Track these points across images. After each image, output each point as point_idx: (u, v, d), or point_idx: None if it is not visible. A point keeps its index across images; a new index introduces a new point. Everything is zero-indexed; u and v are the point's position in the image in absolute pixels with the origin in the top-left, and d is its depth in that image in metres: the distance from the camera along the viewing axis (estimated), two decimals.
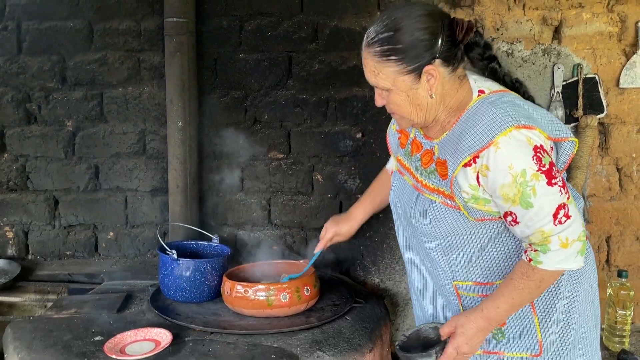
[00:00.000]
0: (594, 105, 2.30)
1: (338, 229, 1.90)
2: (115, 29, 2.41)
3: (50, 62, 2.44)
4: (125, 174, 2.48)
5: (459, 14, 2.31)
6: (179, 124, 2.30)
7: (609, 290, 2.21)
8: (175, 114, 2.30)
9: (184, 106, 2.30)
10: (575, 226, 1.30)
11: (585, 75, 2.29)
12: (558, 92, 2.30)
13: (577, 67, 2.29)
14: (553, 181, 1.29)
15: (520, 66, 2.32)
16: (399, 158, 1.66)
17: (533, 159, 1.29)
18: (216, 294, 1.95)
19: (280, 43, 2.38)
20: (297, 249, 2.46)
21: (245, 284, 1.81)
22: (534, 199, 1.28)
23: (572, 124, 2.31)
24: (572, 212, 1.30)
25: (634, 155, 2.34)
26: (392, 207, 1.69)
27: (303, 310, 1.85)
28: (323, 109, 2.40)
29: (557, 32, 2.31)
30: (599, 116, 2.29)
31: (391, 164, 1.87)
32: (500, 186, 1.31)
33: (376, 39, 1.37)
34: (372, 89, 1.50)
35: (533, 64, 2.32)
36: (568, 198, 1.31)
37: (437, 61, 1.36)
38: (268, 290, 1.78)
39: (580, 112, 2.29)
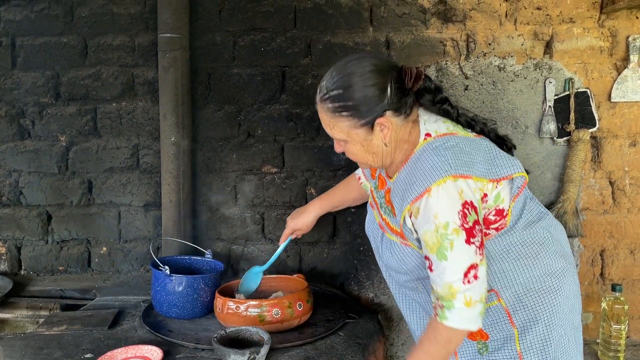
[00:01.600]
0: (586, 119, 2.31)
1: (294, 223, 2.00)
2: (109, 45, 2.42)
3: (44, 78, 2.44)
4: (118, 188, 2.47)
5: (451, 29, 2.33)
6: (173, 139, 2.30)
7: (604, 305, 2.20)
8: (168, 129, 2.31)
9: (178, 121, 2.30)
10: (480, 287, 1.36)
11: (576, 89, 2.31)
12: (550, 106, 2.31)
13: (569, 82, 2.31)
14: (471, 240, 1.35)
15: (512, 80, 2.33)
16: (371, 190, 1.73)
17: (458, 214, 1.34)
18: (209, 310, 1.95)
19: (274, 58, 2.39)
20: (291, 263, 2.46)
21: (237, 300, 1.80)
22: (449, 252, 1.34)
23: (565, 138, 2.32)
24: (480, 273, 1.36)
25: (626, 168, 2.35)
26: (367, 235, 1.78)
27: (296, 325, 1.84)
28: (316, 124, 2.40)
29: (548, 47, 2.32)
30: (591, 130, 2.30)
31: (360, 171, 1.95)
32: (424, 231, 1.37)
33: (327, 95, 1.45)
34: None
35: (525, 78, 2.33)
36: (481, 260, 1.36)
37: (388, 112, 1.43)
38: (260, 307, 1.77)
39: (572, 126, 2.30)
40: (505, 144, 1.58)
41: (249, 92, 2.40)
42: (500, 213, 1.46)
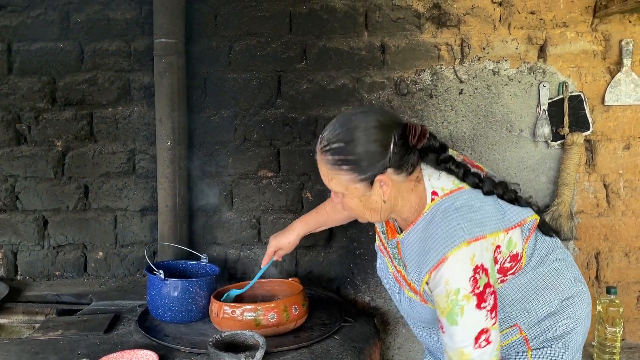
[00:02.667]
0: (580, 123, 2.32)
1: (278, 243, 1.95)
2: (105, 50, 2.42)
3: (40, 83, 2.45)
4: (114, 193, 2.48)
5: (445, 34, 2.34)
6: (168, 144, 2.31)
7: (599, 307, 2.21)
8: (164, 134, 2.31)
9: (174, 126, 2.31)
10: (492, 350, 1.35)
11: (570, 93, 2.32)
12: (544, 110, 2.32)
13: (563, 85, 2.32)
14: (482, 305, 1.33)
15: (506, 84, 2.34)
16: (378, 232, 1.69)
17: (470, 280, 1.33)
18: (204, 314, 1.95)
19: (270, 63, 2.40)
20: (287, 267, 2.46)
21: (232, 304, 1.81)
22: (459, 318, 1.33)
23: (559, 141, 2.33)
24: (493, 337, 1.35)
25: (620, 171, 2.36)
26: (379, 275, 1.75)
27: (291, 329, 1.84)
28: (312, 128, 2.41)
29: (542, 51, 2.34)
30: (585, 133, 2.32)
31: None
32: (436, 294, 1.38)
33: (328, 148, 1.40)
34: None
35: (519, 82, 2.34)
36: (493, 324, 1.35)
37: (390, 170, 1.39)
38: (256, 311, 1.77)
39: (566, 129, 2.31)
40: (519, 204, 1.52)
41: (244, 96, 2.41)
42: (514, 258, 1.45)
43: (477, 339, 1.33)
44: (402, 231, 1.53)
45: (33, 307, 2.31)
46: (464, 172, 1.45)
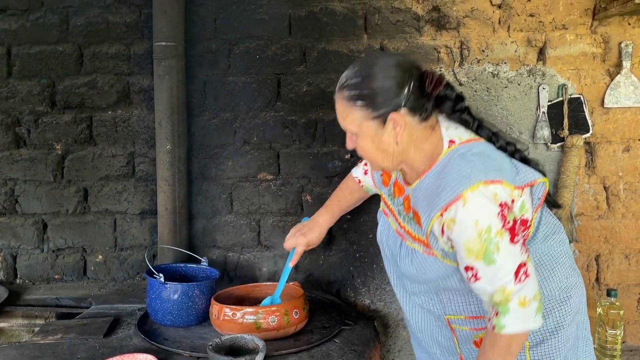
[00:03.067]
0: (580, 125, 2.32)
1: (307, 240, 1.93)
2: (105, 53, 2.43)
3: (39, 86, 2.45)
4: (114, 196, 2.47)
5: (445, 36, 2.34)
6: (168, 147, 2.31)
7: (599, 310, 2.20)
8: (164, 137, 2.31)
9: (173, 128, 2.31)
10: (532, 284, 1.34)
11: (570, 95, 2.32)
12: (544, 112, 2.32)
13: (562, 88, 2.32)
14: (515, 239, 1.33)
15: (505, 87, 2.34)
16: (384, 197, 1.69)
17: (498, 216, 1.31)
18: (204, 318, 1.94)
19: (269, 65, 2.40)
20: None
21: (233, 307, 1.80)
22: (497, 256, 1.31)
23: (559, 144, 2.33)
24: (530, 270, 1.34)
25: (620, 174, 2.36)
26: (379, 245, 1.73)
27: (292, 333, 1.84)
28: (312, 130, 2.41)
29: (541, 53, 2.34)
30: (584, 136, 2.31)
31: (357, 171, 1.92)
32: (465, 241, 1.33)
33: (346, 84, 1.43)
34: None
35: (518, 84, 2.34)
36: (528, 257, 1.34)
37: (403, 110, 1.39)
38: (256, 314, 1.77)
39: (566, 131, 2.31)
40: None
41: (244, 99, 2.41)
42: (524, 223, 1.43)
43: (516, 273, 1.31)
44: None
45: (32, 311, 2.30)
46: (478, 124, 1.47)
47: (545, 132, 2.32)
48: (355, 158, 2.40)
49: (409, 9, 2.35)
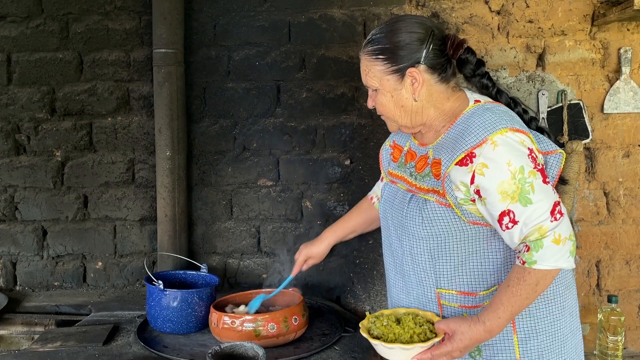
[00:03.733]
0: (579, 131, 2.32)
1: (309, 252, 1.94)
2: (105, 60, 2.43)
3: (39, 93, 2.45)
4: (114, 203, 2.47)
5: None
6: (168, 153, 2.31)
7: (600, 316, 2.20)
8: (163, 143, 2.31)
9: (173, 135, 2.31)
10: (567, 224, 1.34)
11: (569, 101, 2.32)
12: (543, 118, 2.32)
13: (562, 93, 2.32)
14: (547, 180, 1.36)
15: None
16: (390, 171, 1.68)
17: (529, 157, 1.34)
18: (204, 325, 1.94)
19: (269, 72, 2.40)
20: (287, 276, 2.44)
21: (232, 314, 1.80)
22: (532, 195, 1.31)
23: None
24: (564, 210, 1.35)
25: (620, 179, 2.35)
26: (381, 217, 1.70)
27: (291, 340, 1.83)
28: (311, 137, 2.41)
29: (540, 59, 2.34)
30: (584, 141, 2.31)
31: (373, 192, 1.92)
32: (500, 183, 1.33)
33: (371, 39, 1.49)
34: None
35: (518, 90, 2.35)
36: (560, 196, 1.38)
37: (422, 66, 1.44)
38: (255, 321, 1.76)
39: (565, 137, 2.31)
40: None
41: (244, 105, 2.42)
42: None
43: (552, 212, 1.32)
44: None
45: (32, 318, 2.30)
46: (497, 90, 1.51)
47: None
48: (354, 163, 2.40)
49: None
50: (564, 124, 2.31)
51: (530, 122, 1.51)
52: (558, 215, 1.32)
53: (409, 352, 1.38)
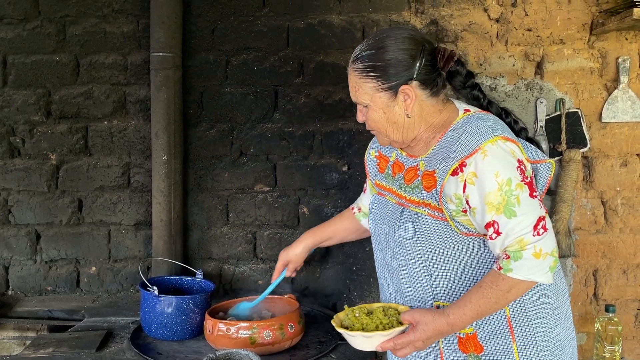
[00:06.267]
0: (577, 139, 2.32)
1: (286, 255, 1.94)
2: (102, 63, 2.41)
3: (35, 96, 2.43)
4: (109, 207, 2.45)
5: None
6: (164, 157, 2.29)
7: (597, 325, 2.19)
8: (160, 147, 2.29)
9: (169, 139, 2.29)
10: (550, 240, 1.34)
11: (567, 109, 2.32)
12: (541, 126, 2.32)
13: (560, 102, 2.33)
14: (534, 194, 1.34)
15: (503, 100, 2.34)
16: (378, 182, 1.68)
17: (517, 170, 1.34)
18: (199, 332, 1.92)
19: (267, 77, 2.39)
20: (283, 283, 2.42)
21: (227, 321, 1.78)
22: (517, 208, 1.32)
23: (556, 158, 2.33)
24: (548, 225, 1.34)
25: (618, 188, 2.35)
26: (372, 231, 1.69)
27: (287, 348, 1.82)
28: (309, 142, 2.40)
29: (539, 68, 2.35)
30: (582, 150, 2.31)
31: (356, 203, 1.92)
32: (487, 194, 1.34)
33: (359, 56, 1.48)
34: (357, 122, 1.57)
35: (516, 98, 2.34)
36: (546, 212, 1.36)
37: (415, 82, 1.44)
38: (251, 329, 1.74)
39: (563, 146, 2.31)
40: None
41: (241, 110, 2.40)
42: None
43: (535, 226, 1.32)
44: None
45: (24, 323, 2.27)
46: (488, 101, 1.52)
47: (543, 145, 2.32)
48: (352, 170, 2.39)
49: (407, 22, 2.35)
50: (562, 133, 2.31)
51: (521, 132, 1.52)
52: (541, 230, 1.32)
53: (370, 339, 1.43)
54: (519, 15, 2.33)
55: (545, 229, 1.33)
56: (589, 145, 2.33)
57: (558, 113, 2.32)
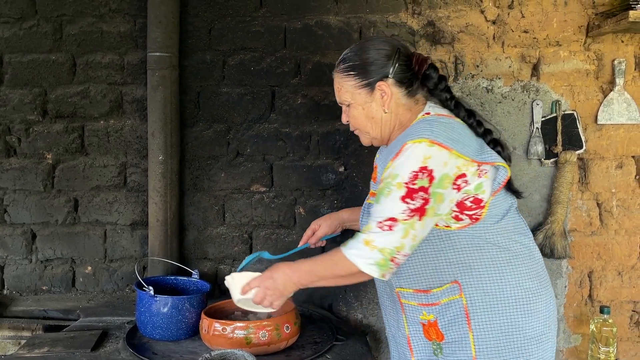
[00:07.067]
0: (573, 141, 2.33)
1: (318, 221, 1.96)
2: (98, 62, 2.41)
3: (31, 95, 2.42)
4: (105, 207, 2.45)
5: (439, 51, 2.35)
6: (160, 157, 2.29)
7: (592, 327, 2.20)
8: (156, 147, 2.29)
9: (166, 139, 2.29)
10: (388, 239, 1.40)
11: (563, 111, 2.33)
12: (537, 128, 2.33)
13: (556, 104, 2.33)
14: (407, 200, 1.40)
15: (499, 102, 2.35)
16: (372, 191, 1.74)
17: (411, 173, 1.40)
18: (194, 332, 1.91)
19: (264, 77, 2.39)
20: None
21: (223, 321, 1.77)
22: (383, 198, 1.43)
23: (552, 159, 2.34)
24: (396, 230, 1.40)
25: (613, 190, 2.36)
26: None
27: (283, 348, 1.82)
28: (305, 143, 2.40)
29: (535, 69, 2.35)
30: (578, 152, 2.32)
31: None
32: (383, 175, 1.47)
33: (342, 59, 1.63)
34: None
35: (512, 100, 2.35)
36: (405, 220, 1.40)
37: (390, 80, 1.56)
38: (247, 329, 1.74)
39: (559, 147, 2.31)
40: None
41: (238, 111, 2.40)
42: (477, 202, 1.48)
43: (382, 221, 1.41)
44: None
45: (19, 323, 2.26)
46: (455, 103, 1.59)
47: (539, 147, 2.32)
48: (348, 170, 2.39)
49: (404, 24, 2.35)
50: (557, 134, 2.32)
51: (485, 134, 1.58)
52: (385, 227, 1.40)
53: (234, 281, 1.70)
54: (515, 17, 2.34)
55: (390, 229, 1.40)
56: (584, 147, 2.33)
57: (554, 115, 2.33)
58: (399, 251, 1.41)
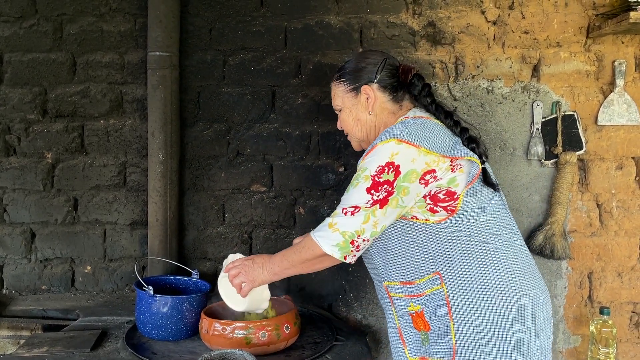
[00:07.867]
0: (573, 142, 2.33)
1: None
2: (99, 62, 2.41)
3: (31, 94, 2.42)
4: (104, 206, 2.44)
5: (440, 52, 2.35)
6: (160, 157, 2.28)
7: (592, 328, 2.20)
8: (156, 147, 2.29)
9: (166, 139, 2.29)
10: (350, 222, 1.52)
11: (564, 112, 2.33)
12: (537, 129, 2.33)
13: (556, 105, 2.33)
14: (372, 191, 1.52)
15: (500, 103, 2.35)
16: None
17: (377, 167, 1.52)
18: (194, 332, 1.91)
19: (264, 77, 2.39)
20: (279, 284, 2.42)
21: (223, 321, 1.77)
22: (352, 188, 1.56)
23: (552, 160, 2.34)
24: (358, 215, 1.52)
25: (613, 191, 2.36)
26: None
27: (283, 348, 1.81)
28: (306, 143, 2.40)
29: (535, 70, 2.35)
30: (578, 153, 2.32)
31: None
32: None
33: (338, 69, 1.81)
34: None
35: (513, 100, 2.35)
36: (367, 209, 1.51)
37: (375, 85, 1.70)
38: (247, 329, 1.74)
39: (559, 148, 2.31)
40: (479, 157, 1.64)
41: (238, 110, 2.40)
42: (450, 194, 1.55)
43: (346, 207, 1.54)
44: None
45: (18, 322, 2.26)
46: (436, 106, 1.69)
47: (539, 148, 2.32)
48: (348, 171, 2.39)
49: (404, 24, 2.35)
50: (558, 135, 2.32)
51: (462, 132, 1.64)
52: (349, 213, 1.53)
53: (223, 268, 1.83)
54: (516, 18, 2.34)
55: (352, 214, 1.52)
56: (584, 148, 2.33)
57: (554, 116, 2.33)
58: (359, 235, 1.52)
